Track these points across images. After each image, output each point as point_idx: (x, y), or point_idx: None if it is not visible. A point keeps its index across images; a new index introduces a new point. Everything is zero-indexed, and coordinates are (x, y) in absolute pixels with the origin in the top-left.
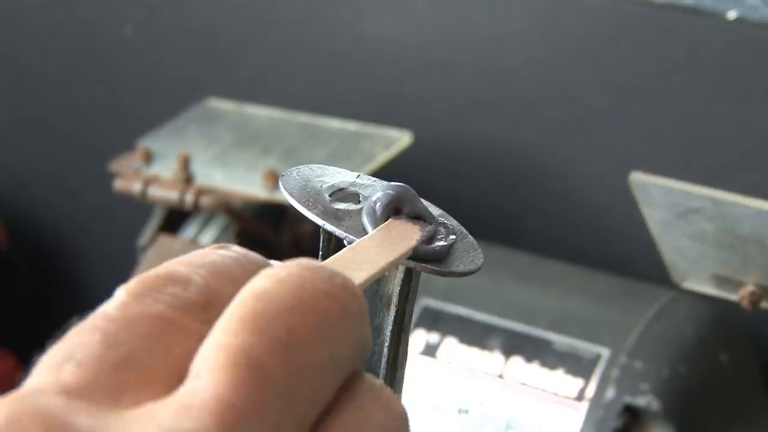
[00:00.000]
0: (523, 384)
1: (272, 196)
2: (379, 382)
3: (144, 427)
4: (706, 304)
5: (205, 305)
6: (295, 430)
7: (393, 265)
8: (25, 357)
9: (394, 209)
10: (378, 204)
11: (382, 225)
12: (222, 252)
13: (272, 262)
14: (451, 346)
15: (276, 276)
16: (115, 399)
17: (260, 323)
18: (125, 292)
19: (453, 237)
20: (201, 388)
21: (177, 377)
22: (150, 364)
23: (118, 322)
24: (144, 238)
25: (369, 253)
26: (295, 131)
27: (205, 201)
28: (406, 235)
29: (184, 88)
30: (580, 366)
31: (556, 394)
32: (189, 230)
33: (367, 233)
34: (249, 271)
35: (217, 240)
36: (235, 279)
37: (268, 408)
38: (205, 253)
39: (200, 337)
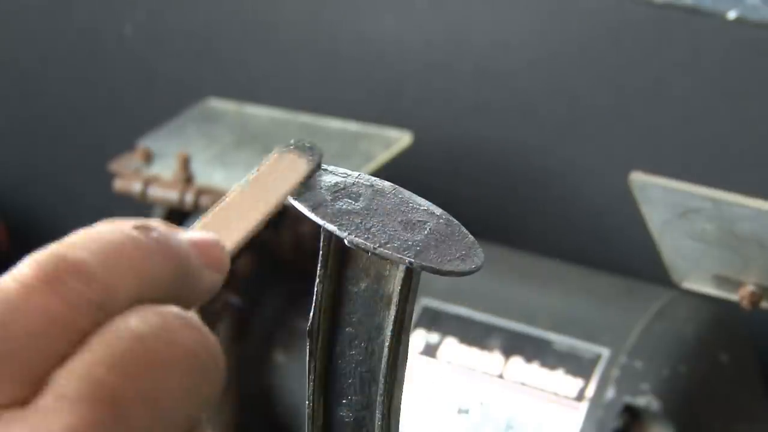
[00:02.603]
0: (523, 384)
1: None
2: None
3: None
4: (706, 304)
5: (101, 305)
6: None
7: (270, 212)
8: None
9: None
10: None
11: (266, 162)
12: (137, 239)
13: (189, 235)
14: (451, 346)
15: (155, 323)
16: None
17: (134, 367)
18: (32, 273)
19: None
20: (55, 414)
21: (41, 379)
22: (20, 365)
23: (11, 311)
24: None
25: (249, 202)
26: (296, 131)
27: (205, 201)
28: (290, 170)
29: (184, 88)
30: (580, 366)
31: (556, 394)
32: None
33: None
34: (159, 263)
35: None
36: (140, 272)
37: None
38: (119, 237)
39: (84, 337)
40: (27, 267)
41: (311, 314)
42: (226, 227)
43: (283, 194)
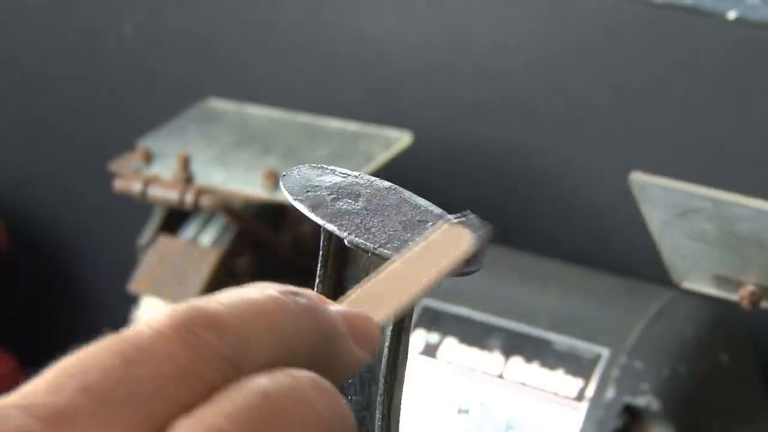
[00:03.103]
0: (523, 384)
1: (272, 196)
2: None
3: None
4: (706, 304)
5: (233, 360)
6: None
7: (429, 287)
8: (25, 357)
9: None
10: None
11: (433, 233)
12: (281, 301)
13: (336, 309)
14: (451, 346)
15: (287, 384)
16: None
17: (257, 424)
18: (167, 321)
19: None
20: None
21: (161, 427)
22: (141, 409)
23: (139, 354)
24: (144, 238)
25: (408, 274)
26: (295, 131)
27: (205, 201)
28: (455, 244)
29: (184, 88)
30: (580, 366)
31: (556, 394)
32: (189, 230)
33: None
34: (301, 328)
35: (217, 240)
36: (280, 335)
37: None
38: (261, 298)
39: (212, 391)
40: (163, 316)
41: None
42: (380, 299)
43: (445, 269)
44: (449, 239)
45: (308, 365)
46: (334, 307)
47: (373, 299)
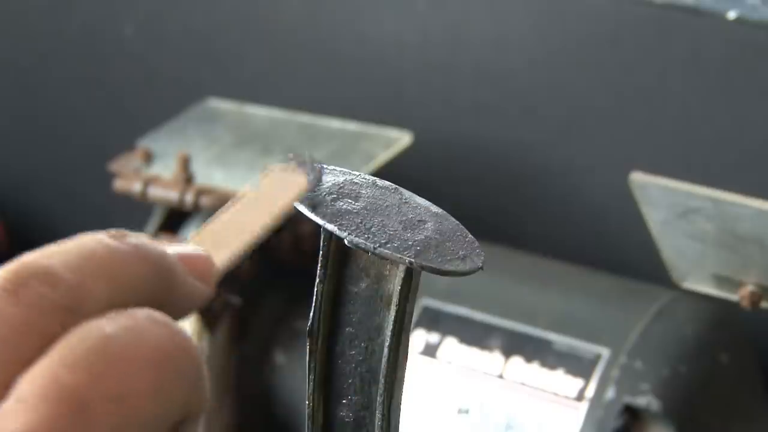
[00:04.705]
0: (523, 384)
1: None
2: None
3: None
4: (706, 304)
5: (70, 309)
6: None
7: (265, 228)
8: None
9: None
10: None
11: (260, 179)
12: (111, 244)
13: (171, 248)
14: (451, 346)
15: (125, 323)
16: None
17: (98, 366)
18: None
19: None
20: (15, 413)
21: (6, 386)
22: None
23: None
24: None
25: (244, 218)
26: (295, 131)
27: (205, 201)
28: (288, 185)
29: (184, 88)
30: (580, 366)
31: (556, 394)
32: (189, 230)
33: None
34: (133, 271)
35: None
36: (114, 277)
37: None
38: (91, 244)
39: (54, 340)
40: None
41: (311, 314)
42: (218, 242)
43: (279, 211)
44: (282, 182)
45: (147, 303)
46: (167, 246)
47: (210, 244)
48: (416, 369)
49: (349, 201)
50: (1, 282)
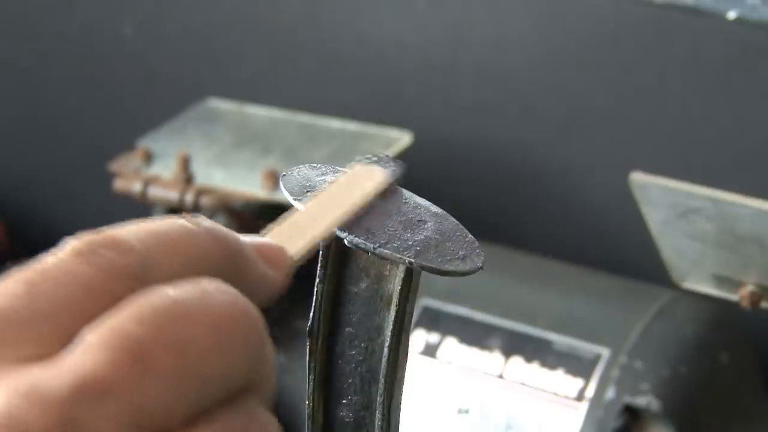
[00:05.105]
0: (523, 384)
1: (272, 196)
2: (262, 409)
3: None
4: (706, 304)
5: (137, 275)
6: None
7: (340, 220)
8: None
9: None
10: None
11: (341, 174)
12: (185, 226)
13: (245, 238)
14: (451, 346)
15: (191, 289)
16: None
17: (161, 321)
18: (69, 247)
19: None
20: (78, 358)
21: (70, 338)
22: (48, 324)
23: (48, 279)
24: None
25: (320, 210)
26: (295, 131)
27: (205, 201)
28: (366, 180)
29: (184, 88)
30: (580, 366)
31: (556, 394)
32: None
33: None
34: (204, 249)
35: None
36: (184, 253)
37: (138, 396)
38: (167, 224)
39: (120, 302)
40: (65, 245)
41: (311, 314)
42: (294, 234)
43: (356, 204)
44: (362, 176)
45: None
46: (240, 235)
47: (288, 234)
48: (416, 369)
49: None
50: (76, 245)
